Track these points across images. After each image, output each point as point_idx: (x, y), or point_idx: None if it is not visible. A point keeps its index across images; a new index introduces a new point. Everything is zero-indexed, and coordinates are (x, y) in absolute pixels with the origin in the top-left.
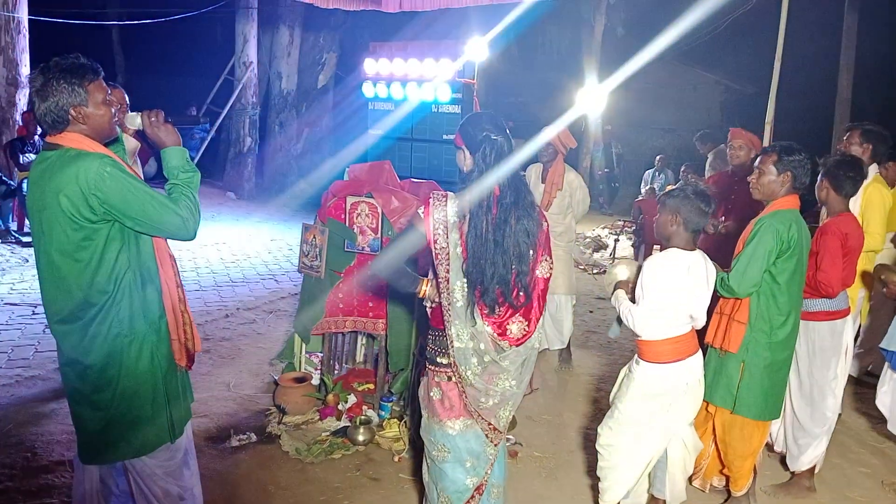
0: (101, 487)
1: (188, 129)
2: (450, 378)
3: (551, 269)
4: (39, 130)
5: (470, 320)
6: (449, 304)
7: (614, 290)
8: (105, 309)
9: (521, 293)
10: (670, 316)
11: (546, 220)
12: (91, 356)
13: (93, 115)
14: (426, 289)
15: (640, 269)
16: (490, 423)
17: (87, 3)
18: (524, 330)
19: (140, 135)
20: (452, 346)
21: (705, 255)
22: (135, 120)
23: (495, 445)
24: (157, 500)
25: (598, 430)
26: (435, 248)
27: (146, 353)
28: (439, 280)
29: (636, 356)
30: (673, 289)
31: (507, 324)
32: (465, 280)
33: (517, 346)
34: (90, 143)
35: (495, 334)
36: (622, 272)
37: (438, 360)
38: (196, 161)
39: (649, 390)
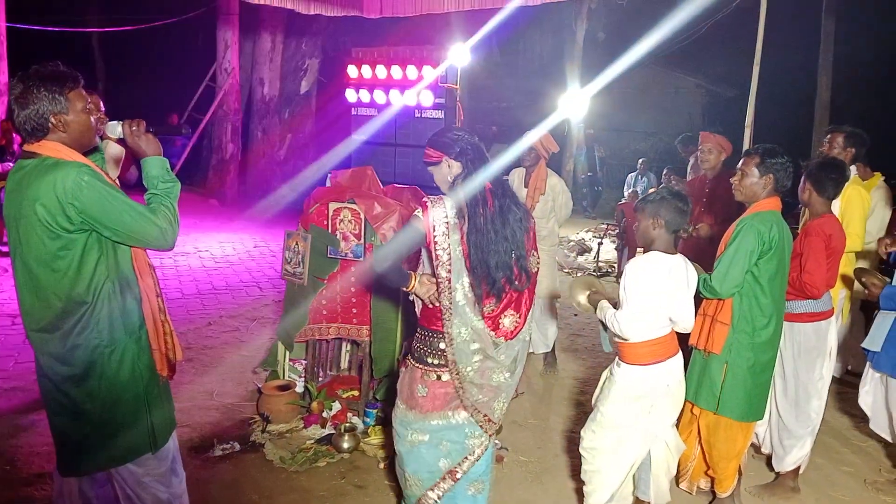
0: (80, 498)
1: (169, 136)
2: (439, 377)
3: (538, 263)
4: (18, 139)
5: (474, 318)
6: (450, 304)
7: (590, 301)
8: (84, 318)
9: (523, 275)
10: (651, 318)
11: (532, 218)
12: (70, 366)
13: (73, 123)
14: (415, 283)
15: (621, 274)
16: (485, 415)
17: (66, 10)
18: (516, 322)
19: (121, 143)
20: (452, 345)
21: (686, 258)
22: (116, 129)
23: (490, 437)
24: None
25: (582, 433)
26: (435, 249)
27: (127, 363)
28: (440, 281)
29: (617, 358)
30: (654, 291)
31: (500, 318)
32: (468, 279)
33: (510, 339)
34: (69, 152)
35: (489, 330)
36: (582, 291)
37: (429, 360)
38: (178, 168)
39: (631, 392)
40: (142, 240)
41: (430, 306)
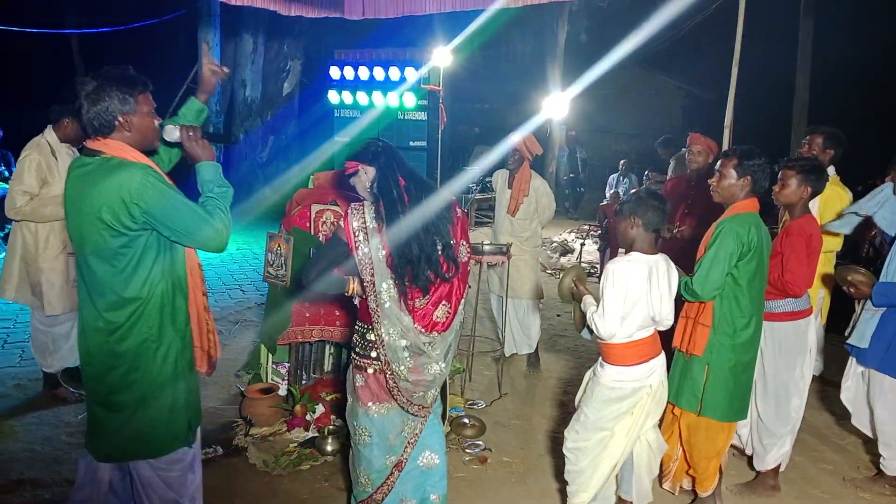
0: (109, 488)
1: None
2: (366, 369)
3: (469, 253)
4: None
5: (402, 315)
6: (377, 306)
7: (574, 296)
8: (136, 313)
9: (451, 265)
10: (632, 319)
11: (459, 207)
12: (117, 358)
13: (138, 125)
14: (354, 286)
15: (600, 270)
16: (422, 406)
17: (44, 11)
18: (448, 313)
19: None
20: (384, 346)
21: (667, 258)
22: (173, 133)
23: (422, 421)
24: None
25: (565, 434)
26: (357, 255)
27: (171, 358)
28: (365, 284)
29: (600, 359)
30: (634, 292)
31: (432, 313)
32: (391, 280)
33: (443, 331)
34: (132, 153)
35: (420, 327)
36: (572, 279)
37: (358, 350)
38: None
39: (614, 393)
40: (197, 240)
41: (361, 297)
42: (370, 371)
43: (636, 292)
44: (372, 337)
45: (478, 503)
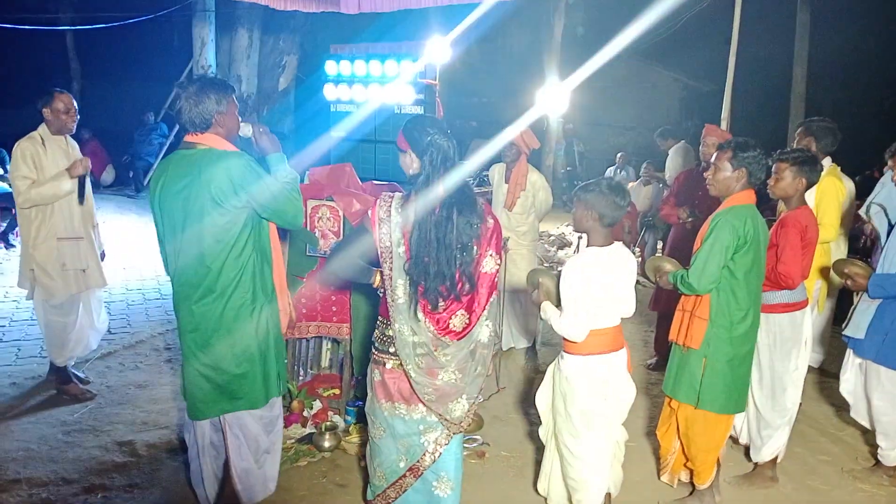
0: (212, 440)
1: (146, 134)
2: (385, 364)
3: (497, 265)
4: None
5: (413, 318)
6: (392, 301)
7: (537, 294)
8: (235, 282)
9: (465, 284)
10: (594, 311)
11: (493, 217)
12: (221, 323)
13: (228, 123)
14: (379, 278)
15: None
16: (441, 415)
17: (38, 7)
18: (465, 322)
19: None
20: (398, 339)
21: (622, 243)
22: (246, 129)
23: (450, 436)
24: (249, 448)
25: (562, 445)
26: (380, 247)
27: (262, 320)
28: (384, 277)
29: (561, 351)
30: (593, 290)
31: (449, 319)
32: (406, 278)
33: (458, 339)
34: (227, 144)
35: (436, 330)
36: (541, 279)
37: (378, 345)
38: (155, 166)
39: (583, 384)
40: (283, 216)
41: (383, 292)
42: (388, 366)
43: (595, 290)
44: (391, 332)
45: (477, 497)
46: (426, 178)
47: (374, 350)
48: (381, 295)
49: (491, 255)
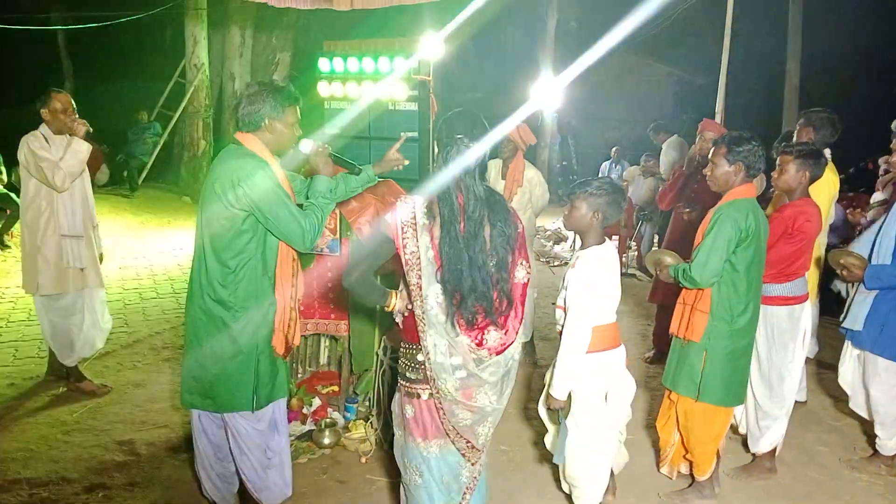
0: (213, 440)
1: (140, 133)
2: (420, 395)
3: (528, 273)
4: None
5: (450, 330)
6: (423, 313)
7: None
8: (223, 282)
9: (503, 300)
10: (596, 310)
11: (521, 222)
12: (209, 319)
13: (280, 131)
14: (395, 302)
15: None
16: (468, 442)
17: (30, 7)
18: (502, 339)
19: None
20: (429, 359)
21: (618, 238)
22: (307, 146)
23: (473, 465)
24: (249, 451)
25: (566, 449)
26: (404, 254)
27: (248, 329)
28: (411, 288)
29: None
30: (598, 289)
31: (485, 333)
32: (440, 287)
33: (497, 355)
34: (263, 150)
35: (473, 344)
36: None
37: (409, 375)
38: (149, 165)
39: (581, 383)
40: (284, 233)
41: (404, 316)
42: (424, 397)
43: (599, 289)
44: (422, 357)
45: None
46: (437, 172)
47: (403, 382)
48: (398, 320)
49: (522, 264)
